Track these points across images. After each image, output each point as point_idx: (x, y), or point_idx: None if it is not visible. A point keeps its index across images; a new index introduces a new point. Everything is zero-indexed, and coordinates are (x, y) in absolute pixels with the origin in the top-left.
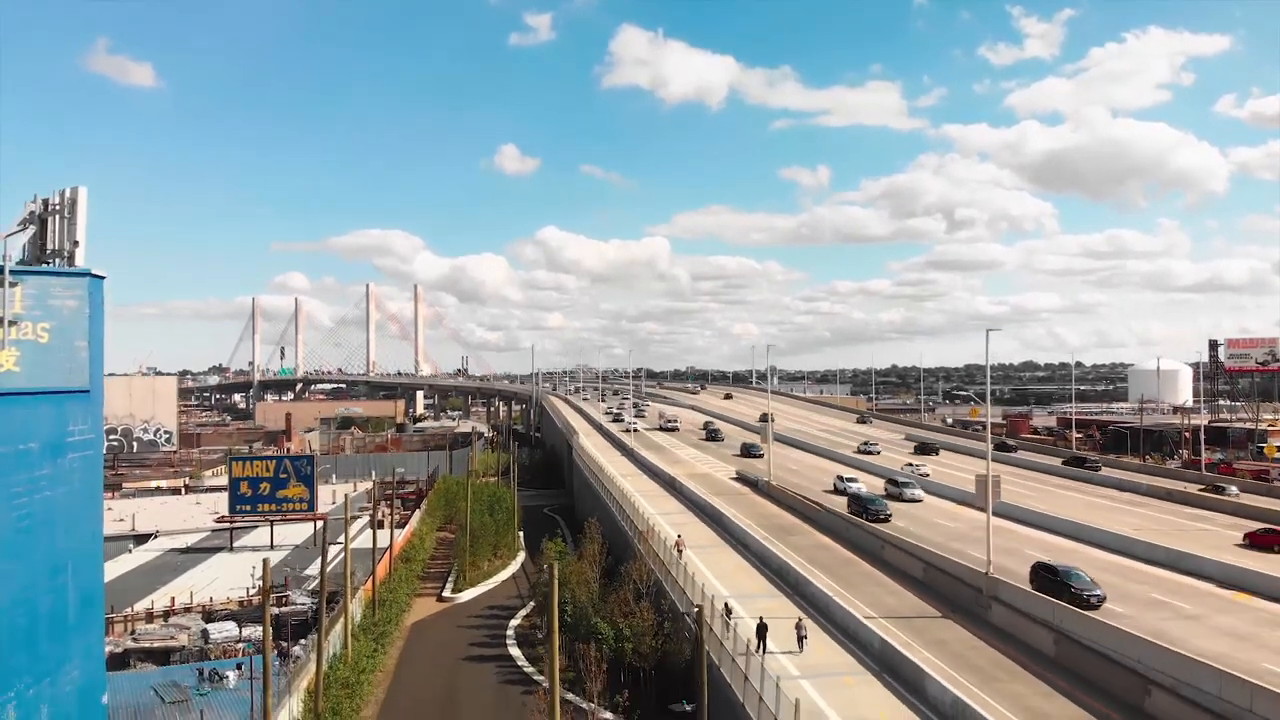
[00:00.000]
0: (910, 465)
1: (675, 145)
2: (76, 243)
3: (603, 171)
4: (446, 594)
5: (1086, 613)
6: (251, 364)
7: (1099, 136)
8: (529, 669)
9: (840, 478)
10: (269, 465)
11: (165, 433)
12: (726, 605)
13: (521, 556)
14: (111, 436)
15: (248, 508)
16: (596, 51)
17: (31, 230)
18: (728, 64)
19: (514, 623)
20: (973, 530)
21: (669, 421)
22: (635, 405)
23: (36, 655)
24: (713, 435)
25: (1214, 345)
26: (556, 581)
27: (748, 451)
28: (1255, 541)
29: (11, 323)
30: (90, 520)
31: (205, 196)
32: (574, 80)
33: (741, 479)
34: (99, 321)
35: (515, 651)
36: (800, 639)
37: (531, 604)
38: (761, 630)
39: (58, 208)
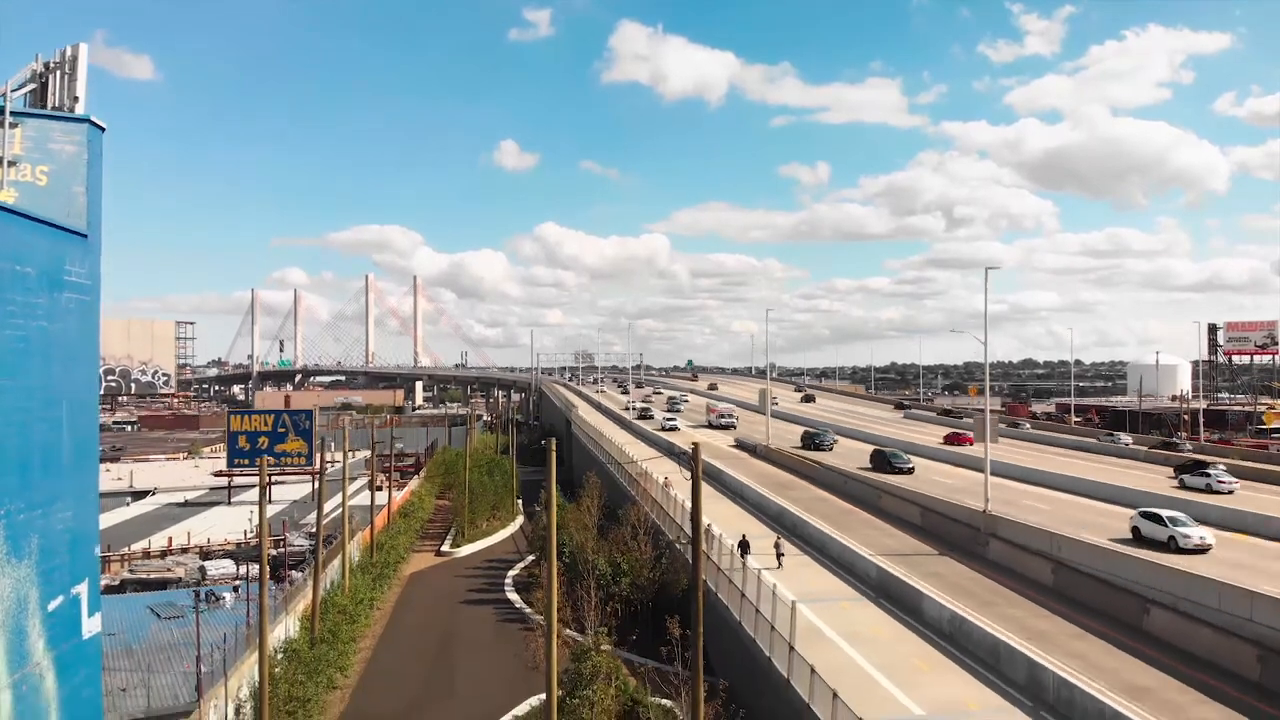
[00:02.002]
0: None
1: (674, 141)
2: (76, 98)
3: (602, 167)
4: (445, 549)
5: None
6: (251, 356)
7: (1099, 135)
8: (526, 610)
9: (1153, 516)
10: (267, 419)
11: (163, 375)
12: (709, 526)
13: (520, 520)
14: (109, 377)
15: (246, 462)
16: (596, 47)
17: (32, 88)
18: (727, 60)
19: (512, 573)
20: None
21: (722, 417)
22: (670, 399)
23: (28, 481)
24: (814, 442)
25: (1213, 329)
26: (554, 455)
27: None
28: (948, 440)
29: (11, 164)
30: (86, 369)
31: (204, 191)
32: (573, 76)
33: (740, 445)
34: (97, 170)
35: (513, 596)
36: (778, 555)
37: (530, 557)
38: (744, 546)
39: (58, 65)
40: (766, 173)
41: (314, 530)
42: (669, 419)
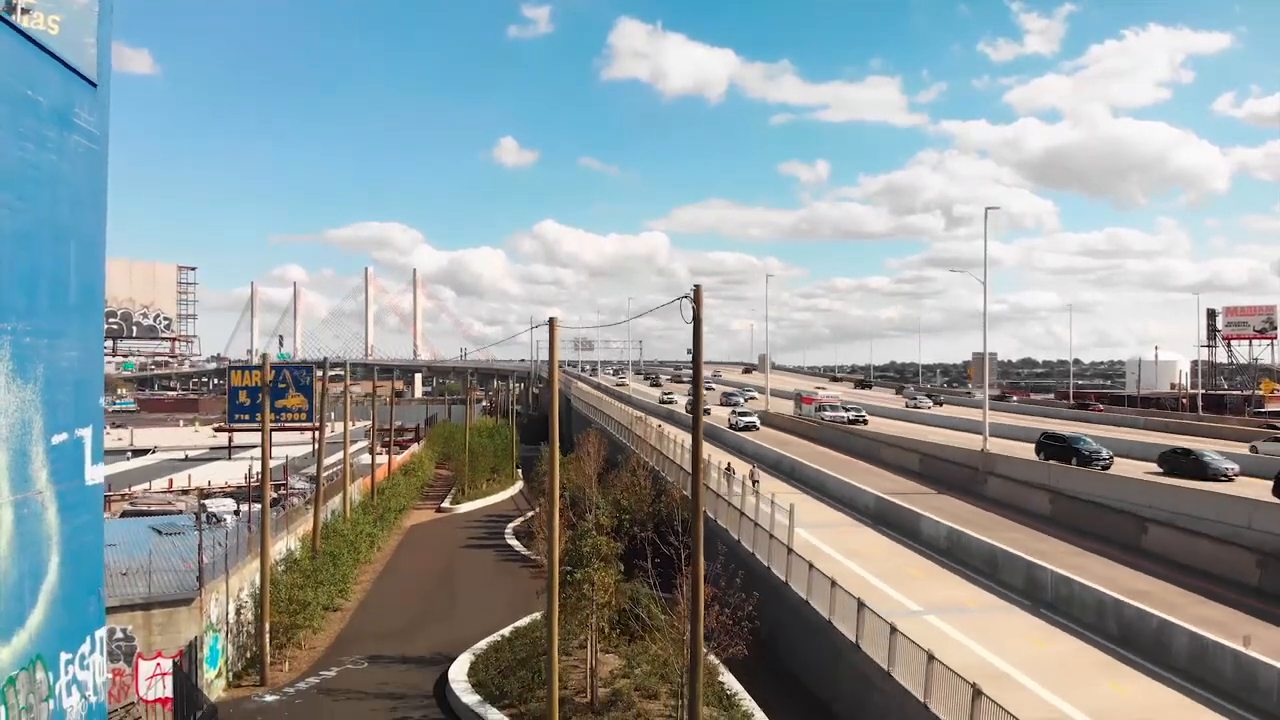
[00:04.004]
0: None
1: (674, 139)
2: None
3: (601, 164)
4: (445, 505)
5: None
6: (250, 350)
7: (1098, 134)
8: (526, 552)
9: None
10: (268, 375)
11: (165, 319)
12: (707, 457)
13: (519, 485)
14: (111, 320)
15: (246, 417)
16: (595, 44)
17: None
18: (727, 57)
19: (512, 525)
20: None
21: (822, 409)
22: (725, 394)
23: (35, 307)
24: (1081, 454)
25: (1211, 314)
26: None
27: None
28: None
29: (24, 11)
30: (94, 217)
31: (203, 187)
32: (573, 73)
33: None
34: (107, 26)
35: (513, 542)
36: (754, 483)
37: (531, 512)
38: (729, 471)
39: None
40: (766, 170)
41: (314, 474)
42: (741, 416)
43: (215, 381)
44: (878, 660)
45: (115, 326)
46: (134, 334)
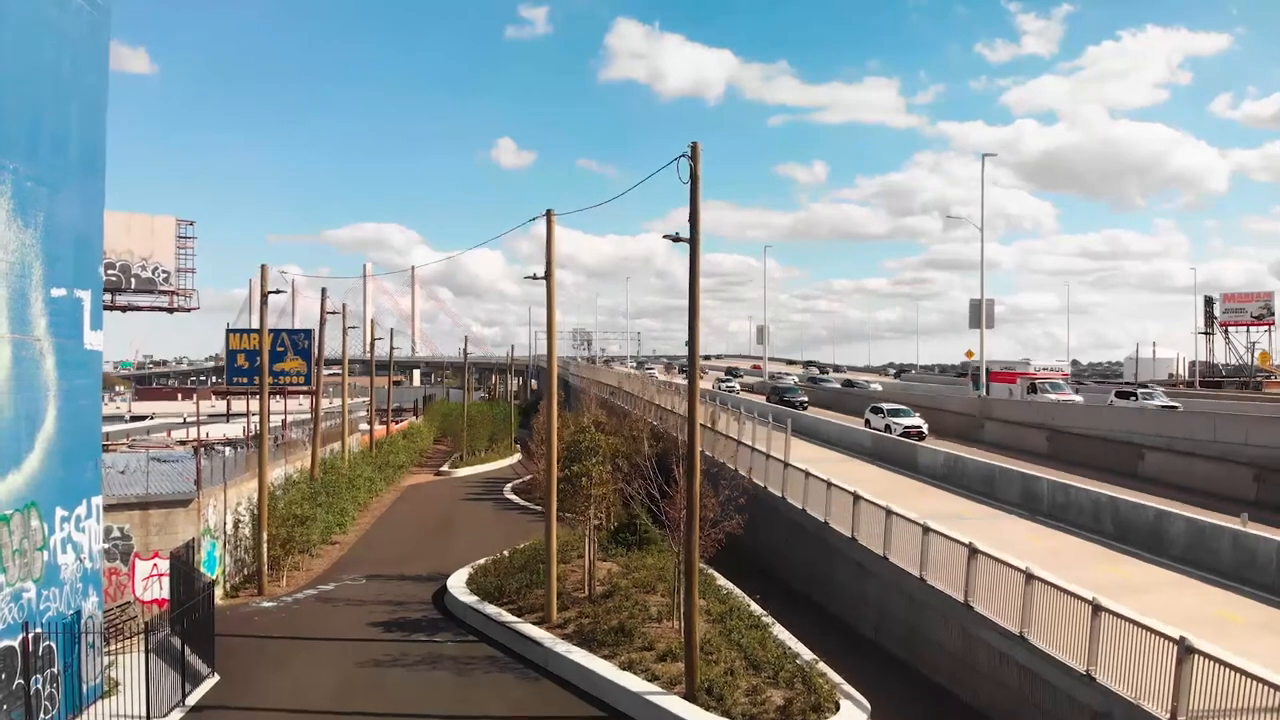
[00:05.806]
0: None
1: (672, 140)
2: None
3: (599, 165)
4: (444, 469)
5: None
6: None
7: (1096, 136)
8: (524, 503)
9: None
10: (267, 337)
11: (163, 272)
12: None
13: (517, 456)
14: (110, 271)
15: (244, 380)
16: (592, 45)
17: None
18: (725, 58)
19: (511, 484)
20: None
21: (1050, 386)
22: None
23: (36, 153)
24: None
25: (1209, 301)
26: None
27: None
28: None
29: None
30: (96, 81)
31: (200, 187)
32: (570, 73)
33: (745, 389)
34: None
35: (512, 496)
36: (743, 424)
37: (529, 476)
38: (714, 420)
39: None
40: (764, 172)
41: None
42: (894, 418)
43: (214, 380)
44: (873, 549)
45: (114, 278)
46: (133, 286)
